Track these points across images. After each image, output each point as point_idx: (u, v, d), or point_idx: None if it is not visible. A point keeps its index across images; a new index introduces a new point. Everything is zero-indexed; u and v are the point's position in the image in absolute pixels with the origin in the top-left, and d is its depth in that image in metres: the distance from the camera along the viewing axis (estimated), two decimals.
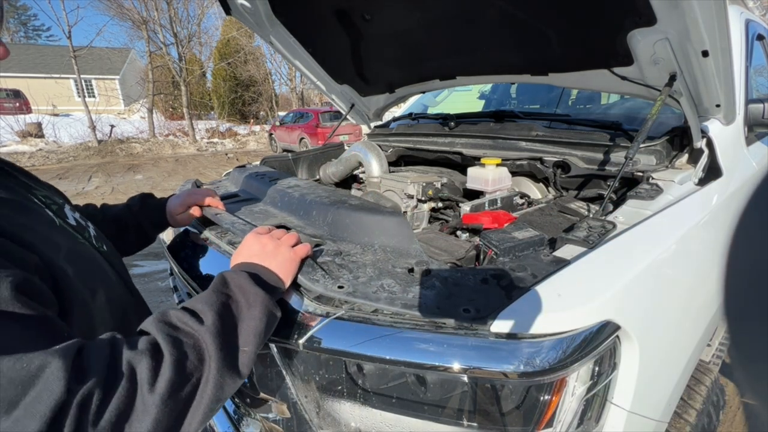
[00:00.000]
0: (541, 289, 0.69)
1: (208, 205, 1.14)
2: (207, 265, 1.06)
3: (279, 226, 0.96)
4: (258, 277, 0.68)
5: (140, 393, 0.46)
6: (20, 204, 0.62)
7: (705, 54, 1.01)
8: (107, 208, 1.07)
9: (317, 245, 0.92)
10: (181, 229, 1.26)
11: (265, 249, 0.74)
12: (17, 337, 0.44)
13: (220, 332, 0.55)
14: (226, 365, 0.54)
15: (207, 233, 1.13)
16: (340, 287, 0.74)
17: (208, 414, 0.52)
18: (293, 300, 0.76)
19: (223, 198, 1.27)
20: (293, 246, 0.78)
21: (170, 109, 22.61)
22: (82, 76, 14.83)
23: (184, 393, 0.50)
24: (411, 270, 0.80)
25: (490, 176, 1.34)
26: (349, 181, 1.81)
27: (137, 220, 1.07)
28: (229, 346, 0.56)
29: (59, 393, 0.41)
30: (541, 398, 0.65)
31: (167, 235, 1.36)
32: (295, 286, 0.78)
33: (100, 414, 0.43)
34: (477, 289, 0.73)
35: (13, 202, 0.61)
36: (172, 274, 1.46)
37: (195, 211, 1.13)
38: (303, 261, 0.79)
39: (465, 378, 0.65)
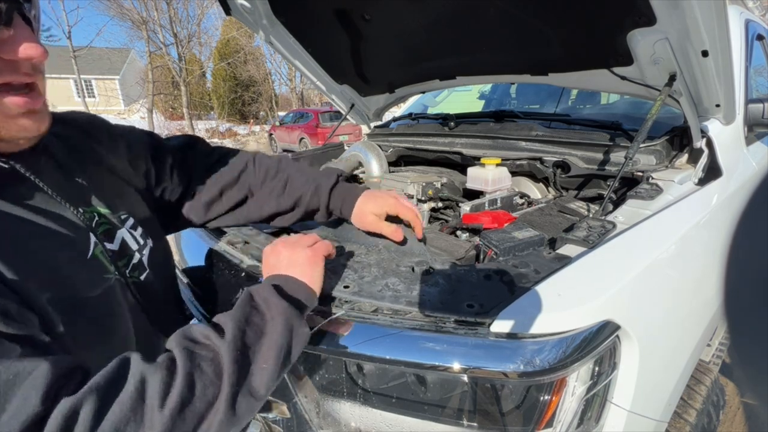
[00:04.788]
0: (541, 288, 0.69)
1: (408, 224, 0.93)
2: (223, 286, 0.95)
3: None
4: (281, 288, 0.63)
5: (149, 406, 0.44)
6: (36, 228, 0.53)
7: (705, 54, 1.00)
8: (292, 178, 0.93)
9: (338, 246, 0.89)
10: (191, 240, 1.17)
11: (280, 257, 0.69)
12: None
13: (238, 347, 0.52)
14: (240, 383, 0.51)
15: (225, 246, 1.03)
16: (346, 287, 0.75)
17: None
18: None
19: None
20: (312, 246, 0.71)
21: (170, 109, 22.64)
22: (81, 76, 14.86)
23: (196, 409, 0.47)
24: (413, 269, 0.81)
25: (490, 176, 1.34)
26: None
27: (317, 207, 0.93)
28: (246, 362, 0.52)
29: (34, 404, 0.38)
30: (541, 398, 0.65)
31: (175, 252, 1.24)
32: None
33: (94, 425, 0.41)
34: (480, 284, 0.73)
35: (32, 226, 0.53)
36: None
37: (396, 235, 0.90)
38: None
39: (465, 378, 0.65)
